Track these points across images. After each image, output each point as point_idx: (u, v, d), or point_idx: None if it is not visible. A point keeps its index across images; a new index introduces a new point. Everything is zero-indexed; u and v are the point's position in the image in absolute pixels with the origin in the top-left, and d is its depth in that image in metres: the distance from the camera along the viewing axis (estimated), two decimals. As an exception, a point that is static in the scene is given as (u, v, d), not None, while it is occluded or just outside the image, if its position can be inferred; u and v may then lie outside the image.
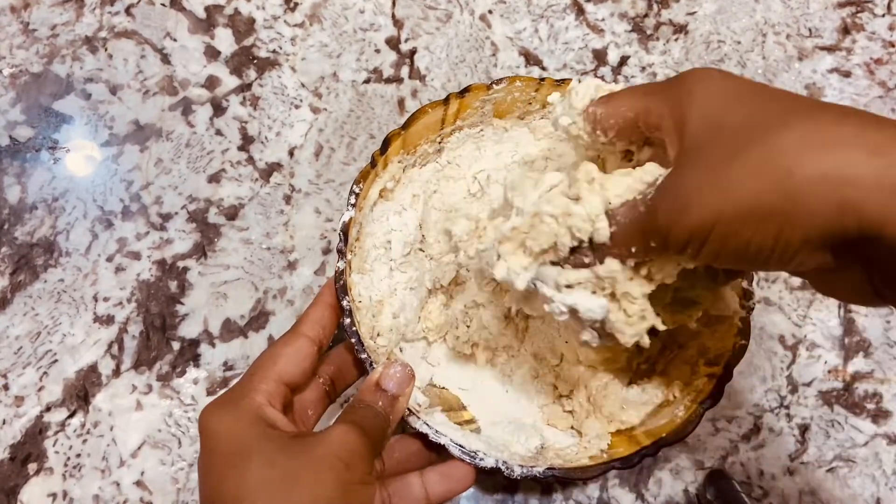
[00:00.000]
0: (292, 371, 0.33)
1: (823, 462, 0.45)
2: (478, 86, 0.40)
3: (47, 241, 0.47)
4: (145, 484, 0.44)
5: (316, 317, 0.35)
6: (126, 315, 0.46)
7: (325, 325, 0.35)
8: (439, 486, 0.34)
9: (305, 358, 0.33)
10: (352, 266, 0.38)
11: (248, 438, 0.29)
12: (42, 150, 0.49)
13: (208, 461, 0.29)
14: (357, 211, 0.37)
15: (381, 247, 0.41)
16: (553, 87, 0.40)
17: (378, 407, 0.33)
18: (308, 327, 0.34)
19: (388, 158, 0.39)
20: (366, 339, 0.36)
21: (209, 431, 0.30)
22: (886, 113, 0.52)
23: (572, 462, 0.35)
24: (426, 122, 0.40)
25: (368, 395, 0.33)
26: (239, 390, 0.32)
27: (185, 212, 0.48)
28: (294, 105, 0.51)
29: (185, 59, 0.51)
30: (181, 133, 0.50)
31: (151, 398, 0.45)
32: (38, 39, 0.51)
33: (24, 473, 0.43)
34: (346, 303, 0.35)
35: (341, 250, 0.36)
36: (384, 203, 0.42)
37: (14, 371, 0.45)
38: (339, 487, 0.28)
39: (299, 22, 0.52)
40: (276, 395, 0.32)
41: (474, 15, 0.53)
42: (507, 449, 0.37)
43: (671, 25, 0.53)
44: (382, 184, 0.40)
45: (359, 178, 0.37)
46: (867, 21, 0.54)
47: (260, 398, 0.31)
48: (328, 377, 0.36)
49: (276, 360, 0.33)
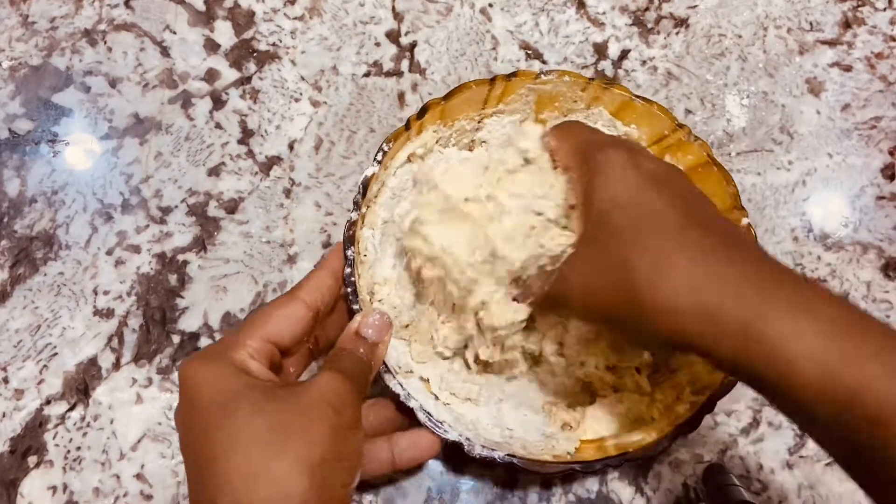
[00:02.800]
0: (281, 333, 0.32)
1: (822, 456, 0.45)
2: (525, 72, 0.40)
3: (47, 235, 0.47)
4: (145, 477, 0.44)
5: (317, 282, 0.35)
6: (126, 308, 0.46)
7: (325, 293, 0.35)
8: (406, 452, 0.35)
9: (298, 322, 0.33)
10: (364, 220, 0.38)
11: (232, 389, 0.28)
12: (41, 143, 0.49)
13: (190, 413, 0.28)
14: (382, 169, 0.37)
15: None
16: (600, 90, 0.40)
17: (360, 353, 0.33)
18: (306, 292, 0.34)
19: (423, 125, 0.39)
20: (362, 293, 0.36)
21: (190, 382, 0.29)
22: (887, 107, 0.52)
23: (535, 456, 0.35)
24: (468, 98, 0.39)
25: (349, 342, 0.34)
26: (223, 344, 0.31)
27: (184, 205, 0.48)
28: (294, 98, 0.50)
29: (185, 52, 0.51)
30: (181, 126, 0.50)
31: (151, 391, 0.45)
32: (38, 32, 0.51)
33: (24, 466, 0.43)
34: (350, 252, 0.35)
35: (357, 202, 0.36)
36: (410, 165, 0.41)
37: (14, 364, 0.45)
38: (330, 432, 0.27)
39: (299, 15, 0.52)
40: (261, 352, 0.31)
41: (475, 8, 0.53)
42: (475, 429, 0.37)
43: (672, 19, 0.53)
44: (413, 149, 0.40)
45: (390, 138, 0.37)
46: (868, 15, 0.54)
47: (244, 352, 0.30)
48: (314, 335, 0.36)
49: (265, 320, 0.32)
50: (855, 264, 0.49)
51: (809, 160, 0.51)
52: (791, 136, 0.51)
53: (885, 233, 0.49)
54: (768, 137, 0.51)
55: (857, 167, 0.51)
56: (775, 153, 0.51)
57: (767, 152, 0.51)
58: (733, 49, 0.53)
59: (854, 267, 0.49)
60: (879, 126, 0.51)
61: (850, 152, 0.51)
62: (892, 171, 0.51)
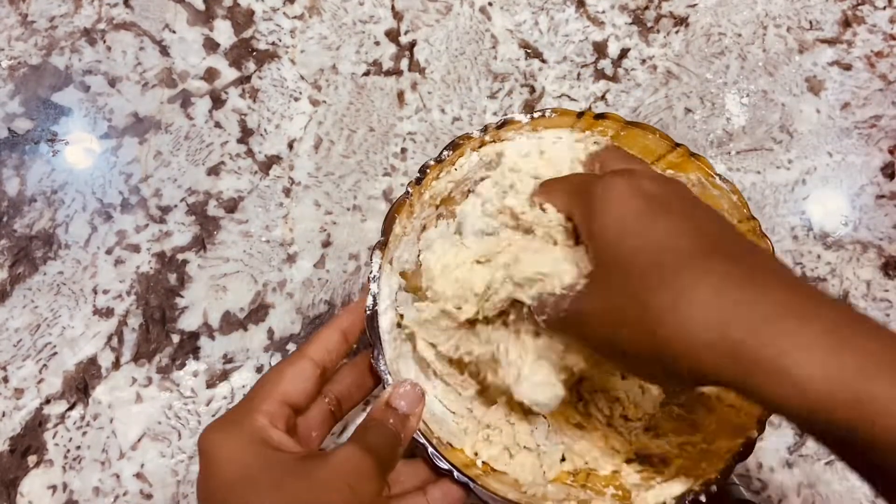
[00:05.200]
0: (294, 391, 0.32)
1: (822, 455, 0.45)
2: (513, 121, 0.40)
3: (46, 234, 0.47)
4: (145, 476, 0.44)
5: (323, 340, 0.35)
6: (125, 308, 0.46)
7: (332, 350, 0.35)
8: (442, 502, 0.34)
9: (307, 379, 0.33)
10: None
11: (252, 462, 0.28)
12: (41, 142, 0.49)
13: (210, 486, 0.28)
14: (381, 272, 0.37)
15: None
16: (591, 122, 0.40)
17: (389, 425, 0.32)
18: (313, 350, 0.34)
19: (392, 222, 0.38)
20: (391, 365, 0.36)
21: (210, 454, 0.29)
22: (887, 106, 0.52)
23: None
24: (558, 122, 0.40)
25: (379, 413, 0.33)
26: (240, 411, 0.31)
27: (184, 204, 0.48)
28: (293, 97, 0.50)
29: (184, 52, 0.51)
30: (180, 125, 0.49)
31: (151, 391, 0.45)
32: (37, 31, 0.51)
33: (24, 466, 0.43)
34: (374, 333, 0.35)
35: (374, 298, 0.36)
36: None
37: (14, 363, 0.45)
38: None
39: (298, 14, 0.52)
40: (279, 416, 0.31)
41: (474, 7, 0.53)
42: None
43: (672, 18, 0.53)
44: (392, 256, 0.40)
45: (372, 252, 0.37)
46: (868, 14, 0.54)
47: (262, 419, 0.30)
48: (334, 396, 0.35)
49: (277, 381, 0.32)
50: (855, 263, 0.49)
51: (809, 159, 0.51)
52: (791, 134, 0.51)
53: (884, 231, 0.49)
54: (768, 136, 0.51)
55: (856, 166, 0.51)
56: (775, 152, 0.51)
57: (767, 151, 0.51)
58: (733, 48, 0.53)
59: (854, 266, 0.49)
60: (879, 125, 0.51)
61: (850, 151, 0.51)
62: (891, 169, 0.51)
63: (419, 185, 0.38)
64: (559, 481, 0.39)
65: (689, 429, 0.38)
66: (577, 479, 0.39)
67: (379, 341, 0.36)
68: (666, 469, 0.37)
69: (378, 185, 0.49)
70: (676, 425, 0.39)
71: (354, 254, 0.48)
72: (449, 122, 0.51)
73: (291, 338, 0.46)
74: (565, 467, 0.40)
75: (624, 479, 0.38)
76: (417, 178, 0.38)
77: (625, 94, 0.52)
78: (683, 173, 0.40)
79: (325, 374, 0.34)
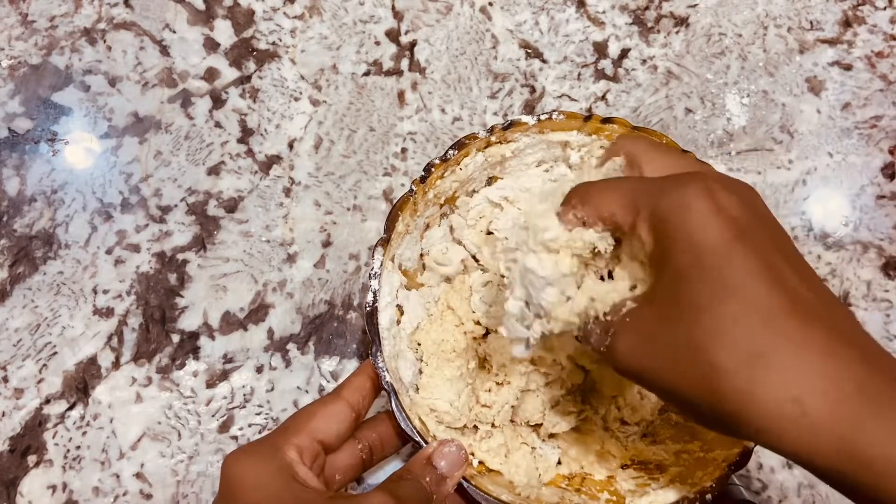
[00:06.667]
0: (327, 430, 0.32)
1: (822, 455, 0.45)
2: (519, 122, 0.39)
3: (46, 234, 0.47)
4: (145, 476, 0.44)
5: (357, 385, 0.34)
6: (125, 307, 0.46)
7: (365, 396, 0.34)
8: None
9: (343, 421, 0.32)
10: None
11: (281, 495, 0.27)
12: (41, 141, 0.49)
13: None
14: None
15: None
16: (598, 126, 0.39)
17: (424, 482, 0.31)
18: (349, 393, 0.34)
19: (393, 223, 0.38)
20: (414, 421, 0.35)
21: (235, 479, 0.28)
22: (887, 106, 0.52)
23: None
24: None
25: (418, 468, 0.32)
26: (270, 440, 0.30)
27: (184, 204, 0.48)
28: (293, 97, 0.50)
29: (185, 51, 0.51)
30: (180, 125, 0.49)
31: (151, 390, 0.45)
32: (37, 31, 0.51)
33: (24, 465, 0.43)
34: (386, 383, 0.35)
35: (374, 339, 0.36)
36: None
37: (13, 363, 0.45)
38: None
39: (299, 14, 0.52)
40: (308, 452, 0.30)
41: (474, 7, 0.53)
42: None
43: (672, 18, 0.53)
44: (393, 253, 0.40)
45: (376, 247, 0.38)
46: (868, 14, 0.54)
47: (292, 453, 0.30)
48: (367, 444, 0.35)
49: (311, 417, 0.32)
50: (855, 263, 0.49)
51: (809, 159, 0.51)
52: (791, 134, 0.51)
53: (885, 232, 0.49)
54: (768, 136, 0.51)
55: (857, 166, 0.51)
56: (775, 152, 0.51)
57: (767, 151, 0.51)
58: (733, 48, 0.53)
59: (854, 266, 0.49)
60: (880, 125, 0.51)
61: (851, 151, 0.51)
62: (892, 170, 0.51)
63: (423, 183, 0.38)
64: (554, 484, 0.39)
65: (686, 436, 0.38)
66: (571, 483, 0.39)
67: (378, 338, 0.36)
68: (661, 476, 0.37)
69: (378, 185, 0.49)
70: (674, 432, 0.39)
71: (354, 254, 0.48)
72: (449, 122, 0.50)
73: (291, 338, 0.46)
74: (561, 471, 0.40)
75: (619, 485, 0.38)
76: (422, 176, 0.38)
77: (625, 95, 0.51)
78: None
79: (358, 419, 0.34)
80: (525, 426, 0.41)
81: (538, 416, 0.40)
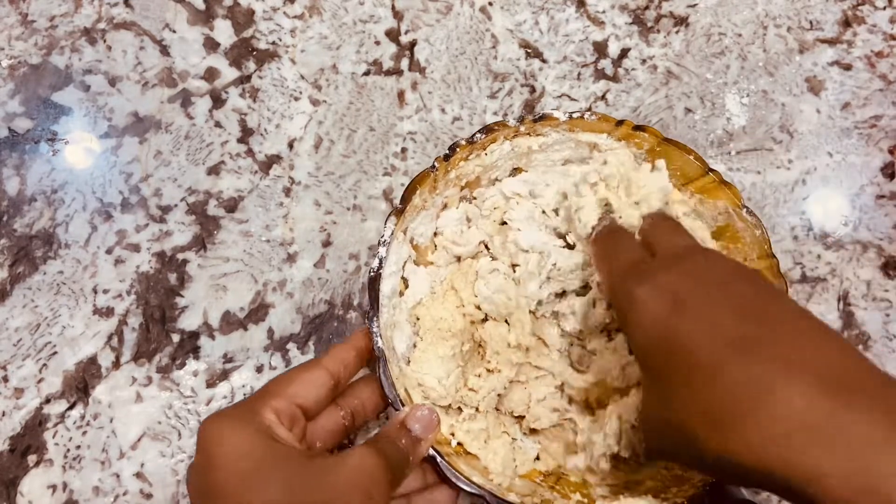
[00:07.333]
0: (306, 395, 0.32)
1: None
2: (551, 116, 0.40)
3: (46, 233, 0.47)
4: (145, 476, 0.44)
5: (340, 355, 0.35)
6: (126, 307, 0.46)
7: (347, 365, 0.35)
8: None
9: (321, 387, 0.33)
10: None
11: (262, 456, 0.27)
12: (41, 141, 0.49)
13: (211, 478, 0.27)
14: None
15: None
16: (630, 132, 0.40)
17: (400, 444, 0.32)
18: (330, 361, 0.34)
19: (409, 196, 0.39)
20: (399, 389, 0.36)
21: (213, 444, 0.28)
22: (887, 106, 0.52)
23: None
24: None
25: (393, 431, 0.32)
26: (248, 404, 0.30)
27: (184, 204, 0.48)
28: (293, 97, 0.50)
29: (185, 51, 0.51)
30: (180, 125, 0.49)
31: (151, 390, 0.45)
32: (37, 31, 0.51)
33: (24, 465, 0.43)
34: (378, 349, 0.35)
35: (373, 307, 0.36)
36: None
37: (14, 363, 0.45)
38: None
39: (299, 13, 0.52)
40: (286, 414, 0.30)
41: (474, 7, 0.53)
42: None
43: (672, 18, 0.53)
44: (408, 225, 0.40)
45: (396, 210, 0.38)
46: (868, 14, 0.54)
47: (270, 415, 0.30)
48: (349, 410, 0.35)
49: (290, 382, 0.32)
50: (855, 263, 0.49)
51: (809, 159, 0.51)
52: (791, 134, 0.51)
53: (885, 231, 0.49)
54: (768, 136, 0.51)
55: (856, 166, 0.51)
56: (775, 152, 0.51)
57: (767, 151, 0.51)
58: (733, 48, 0.53)
59: (854, 266, 0.49)
60: (879, 125, 0.51)
61: (850, 151, 0.51)
62: (891, 169, 0.51)
63: (447, 161, 0.38)
64: (529, 478, 0.39)
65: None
66: (546, 480, 0.39)
67: (377, 304, 0.36)
68: (635, 486, 0.37)
69: (378, 185, 0.49)
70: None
71: (354, 253, 0.48)
72: (449, 122, 0.51)
73: (291, 337, 0.46)
74: (538, 466, 0.40)
75: (592, 490, 0.38)
76: (446, 154, 0.38)
77: (625, 94, 0.52)
78: (712, 199, 0.40)
79: (337, 387, 0.34)
80: (509, 416, 0.41)
81: (522, 408, 0.40)
